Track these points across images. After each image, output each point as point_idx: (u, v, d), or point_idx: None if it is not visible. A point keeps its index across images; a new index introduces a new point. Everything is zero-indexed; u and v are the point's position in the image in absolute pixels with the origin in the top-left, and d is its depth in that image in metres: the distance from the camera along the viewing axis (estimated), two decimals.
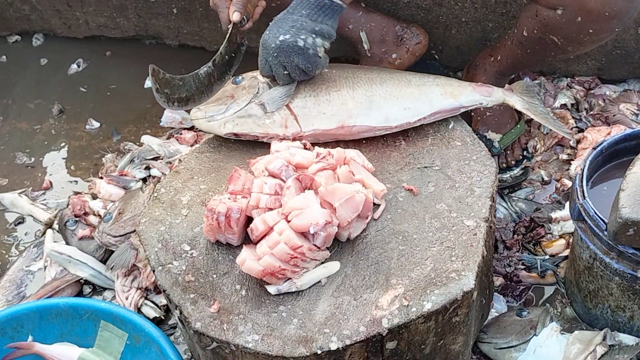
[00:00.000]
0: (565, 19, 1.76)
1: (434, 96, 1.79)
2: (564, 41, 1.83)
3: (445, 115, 1.80)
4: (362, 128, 1.75)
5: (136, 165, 2.23)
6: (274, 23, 1.73)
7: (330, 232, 1.50)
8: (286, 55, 1.71)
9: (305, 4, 1.71)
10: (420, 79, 1.84)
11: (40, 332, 1.80)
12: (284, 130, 1.77)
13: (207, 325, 1.49)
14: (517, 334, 1.78)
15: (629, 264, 1.58)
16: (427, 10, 2.26)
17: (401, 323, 1.44)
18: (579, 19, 1.75)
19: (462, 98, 1.81)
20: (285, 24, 1.71)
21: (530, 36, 1.87)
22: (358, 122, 1.74)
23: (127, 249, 1.95)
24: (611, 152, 1.73)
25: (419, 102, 1.78)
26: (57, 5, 2.63)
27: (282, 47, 1.70)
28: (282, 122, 1.77)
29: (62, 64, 2.67)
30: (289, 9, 1.73)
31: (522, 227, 2.01)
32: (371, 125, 1.75)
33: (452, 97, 1.80)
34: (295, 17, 1.71)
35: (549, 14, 1.79)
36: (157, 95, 1.77)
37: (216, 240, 1.60)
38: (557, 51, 1.89)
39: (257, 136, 1.79)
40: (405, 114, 1.76)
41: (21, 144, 2.45)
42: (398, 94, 1.78)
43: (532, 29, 1.85)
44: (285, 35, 1.70)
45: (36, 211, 2.23)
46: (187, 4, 2.49)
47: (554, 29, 1.81)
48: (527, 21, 1.86)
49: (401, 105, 1.77)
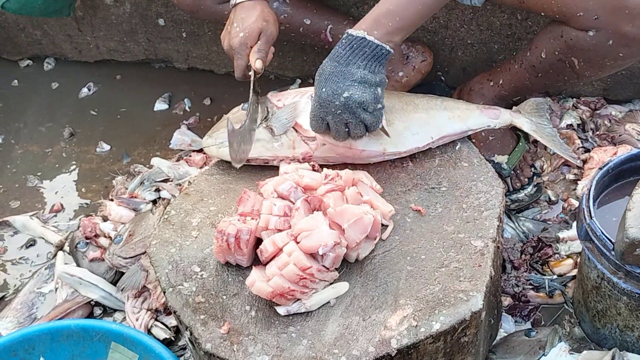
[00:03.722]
0: (596, 41, 1.73)
1: (442, 120, 1.80)
2: (584, 65, 1.81)
3: (454, 138, 1.81)
4: (371, 153, 1.75)
5: (146, 188, 2.25)
6: (329, 77, 1.61)
7: (339, 253, 1.52)
8: (352, 113, 1.61)
9: (360, 55, 1.59)
10: (428, 103, 1.84)
11: (52, 353, 1.81)
12: (292, 152, 1.78)
13: (218, 346, 1.50)
14: (525, 354, 1.78)
15: (636, 283, 1.58)
16: (433, 32, 2.28)
17: (410, 343, 1.45)
18: (611, 42, 1.72)
19: (469, 121, 1.82)
20: (345, 78, 1.59)
21: (548, 58, 1.85)
22: (367, 147, 1.75)
23: (138, 270, 1.97)
24: (617, 172, 1.73)
25: (427, 127, 1.78)
26: (68, 30, 2.67)
27: (348, 104, 1.60)
28: (289, 144, 1.78)
29: (73, 87, 2.70)
30: (340, 61, 1.60)
31: (529, 247, 2.01)
32: (380, 151, 1.75)
33: (460, 120, 1.81)
34: (353, 70, 1.59)
35: (579, 35, 1.75)
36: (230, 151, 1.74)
37: (226, 261, 1.61)
38: (571, 76, 1.87)
39: (267, 160, 1.80)
40: (414, 139, 1.77)
41: (32, 167, 2.48)
42: (406, 120, 1.77)
43: (554, 50, 1.83)
44: (349, 91, 1.59)
45: (47, 233, 2.24)
46: (196, 28, 2.53)
47: (578, 51, 1.78)
48: (549, 42, 1.83)
49: (410, 131, 1.77)
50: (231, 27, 1.82)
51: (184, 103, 2.59)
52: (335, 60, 1.62)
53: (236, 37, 1.79)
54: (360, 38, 1.60)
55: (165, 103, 2.60)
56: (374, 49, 1.60)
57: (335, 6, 2.23)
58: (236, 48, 1.79)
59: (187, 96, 2.61)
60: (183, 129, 2.48)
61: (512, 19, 2.21)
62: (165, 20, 2.53)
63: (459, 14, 2.23)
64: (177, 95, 2.62)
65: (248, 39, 1.79)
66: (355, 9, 2.26)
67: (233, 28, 1.81)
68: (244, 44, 1.79)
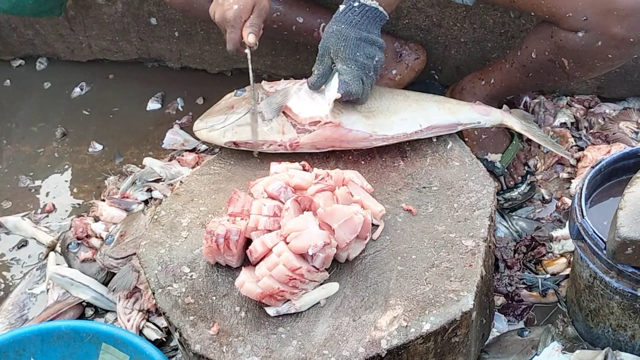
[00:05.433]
0: (585, 42, 1.73)
1: (431, 110, 1.81)
2: (574, 65, 1.81)
3: (443, 131, 1.81)
4: (358, 135, 1.75)
5: (138, 188, 2.24)
6: (358, 43, 1.72)
7: (329, 254, 1.51)
8: (376, 73, 1.75)
9: (374, 23, 1.74)
10: (419, 95, 1.86)
11: (42, 355, 1.80)
12: (281, 137, 1.78)
13: (207, 347, 1.49)
14: (518, 354, 1.77)
15: (628, 282, 1.58)
16: (426, 30, 2.27)
17: (400, 344, 1.44)
18: (600, 43, 1.72)
19: (460, 115, 1.82)
20: (370, 43, 1.73)
21: (538, 58, 1.86)
22: (355, 127, 1.75)
23: (129, 271, 1.96)
24: (610, 171, 1.73)
25: (416, 114, 1.79)
26: (60, 30, 2.66)
27: (377, 66, 1.74)
28: (279, 129, 1.78)
29: (65, 87, 2.69)
30: (361, 28, 1.72)
31: (523, 246, 2.00)
32: (367, 132, 1.75)
33: (450, 113, 1.82)
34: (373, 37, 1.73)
35: (568, 36, 1.76)
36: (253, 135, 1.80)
37: (216, 262, 1.61)
38: (561, 76, 1.87)
39: (256, 143, 1.81)
40: (402, 125, 1.77)
41: (25, 167, 2.47)
42: (395, 107, 1.79)
43: (544, 51, 1.83)
44: (378, 55, 1.74)
45: (39, 234, 2.23)
46: (189, 27, 2.52)
47: (568, 52, 1.78)
48: (538, 43, 1.84)
49: (398, 116, 1.78)
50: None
51: (176, 102, 2.58)
52: (355, 27, 1.72)
53: (230, 10, 1.75)
54: (374, 8, 1.72)
55: (158, 102, 2.59)
56: (383, 18, 1.75)
57: (328, 4, 2.22)
58: (230, 20, 1.75)
59: (180, 95, 2.60)
60: (176, 128, 2.47)
61: (505, 17, 2.20)
62: (157, 20, 2.52)
63: (452, 13, 2.22)
64: (169, 95, 2.61)
65: (242, 12, 1.75)
66: None
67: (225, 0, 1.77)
68: (238, 16, 1.75)
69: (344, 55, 1.71)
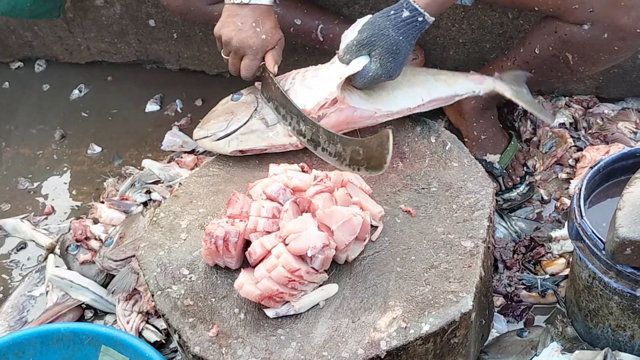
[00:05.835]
0: (591, 34, 1.74)
1: (429, 84, 1.82)
2: (579, 60, 1.81)
3: (441, 103, 1.83)
4: (364, 113, 1.76)
5: (137, 190, 2.24)
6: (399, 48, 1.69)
7: (327, 255, 1.51)
8: (407, 31, 1.69)
9: (414, 33, 1.70)
10: (413, 69, 1.87)
11: (42, 357, 1.79)
12: (288, 140, 1.79)
13: (206, 349, 1.49)
14: (518, 355, 1.78)
15: (627, 282, 1.58)
16: (425, 31, 2.27)
17: (399, 345, 1.44)
18: (606, 35, 1.73)
19: (456, 86, 1.84)
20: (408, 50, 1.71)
21: (542, 54, 1.86)
22: (359, 105, 1.75)
23: (128, 273, 1.96)
24: (609, 171, 1.73)
25: (416, 87, 1.81)
26: (58, 32, 2.66)
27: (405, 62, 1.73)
28: (285, 132, 1.80)
29: (64, 89, 2.69)
30: (401, 31, 1.69)
31: (522, 247, 2.00)
32: (371, 110, 1.76)
33: (447, 85, 1.83)
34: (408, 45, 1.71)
35: (573, 29, 1.76)
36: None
37: (215, 264, 1.61)
38: (564, 71, 1.87)
39: (263, 149, 1.81)
40: (404, 100, 1.79)
41: (23, 169, 2.47)
42: (394, 83, 1.79)
43: (548, 46, 1.84)
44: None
45: (38, 236, 2.23)
46: (187, 29, 2.52)
47: (573, 46, 1.79)
48: (542, 38, 1.84)
49: (400, 91, 1.79)
50: (246, 26, 1.80)
51: (175, 104, 2.58)
52: (397, 30, 1.68)
53: (256, 38, 1.79)
54: (422, 20, 1.69)
55: (157, 104, 2.59)
56: (424, 27, 1.71)
57: (326, 6, 2.22)
58: (257, 48, 1.80)
59: (179, 97, 2.60)
60: (174, 130, 2.47)
61: (504, 17, 2.20)
62: (155, 21, 2.52)
63: (450, 13, 2.22)
64: (168, 97, 2.61)
65: (269, 43, 1.82)
66: (347, 9, 2.25)
67: (250, 27, 1.79)
68: (265, 46, 1.81)
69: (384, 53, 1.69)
